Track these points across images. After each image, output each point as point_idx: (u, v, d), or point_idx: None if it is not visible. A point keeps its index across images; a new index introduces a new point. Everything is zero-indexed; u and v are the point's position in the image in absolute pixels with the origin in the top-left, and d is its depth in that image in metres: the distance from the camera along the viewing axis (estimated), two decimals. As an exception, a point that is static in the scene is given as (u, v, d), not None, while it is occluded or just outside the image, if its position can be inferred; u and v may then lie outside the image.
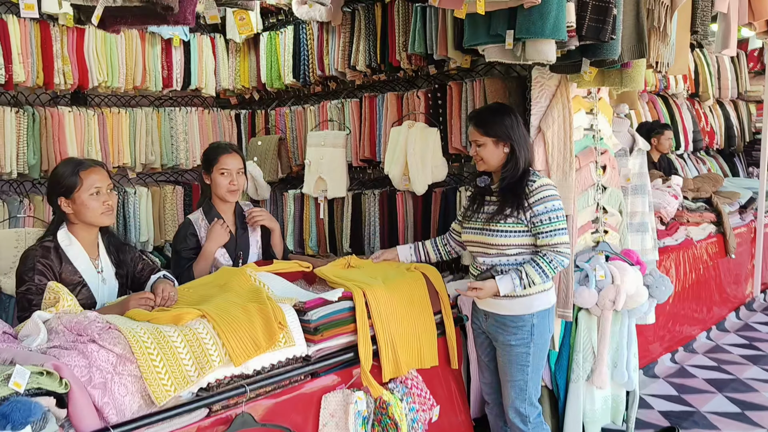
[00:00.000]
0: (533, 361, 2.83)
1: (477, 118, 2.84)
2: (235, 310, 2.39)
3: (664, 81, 6.56)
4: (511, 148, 2.80)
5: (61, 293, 2.25)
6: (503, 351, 2.87)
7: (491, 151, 2.81)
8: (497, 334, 2.87)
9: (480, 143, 2.81)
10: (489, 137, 2.79)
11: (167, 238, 5.12)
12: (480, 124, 2.81)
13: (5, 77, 4.11)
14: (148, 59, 4.84)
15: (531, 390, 2.87)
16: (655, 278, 3.49)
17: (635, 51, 2.92)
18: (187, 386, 2.15)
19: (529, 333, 2.80)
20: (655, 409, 4.14)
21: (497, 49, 2.75)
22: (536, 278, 2.71)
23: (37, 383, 1.83)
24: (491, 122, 2.80)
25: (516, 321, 2.81)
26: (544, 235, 2.73)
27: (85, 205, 2.58)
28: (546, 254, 2.72)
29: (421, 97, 4.04)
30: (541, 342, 2.84)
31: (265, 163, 4.89)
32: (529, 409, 2.87)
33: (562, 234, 2.74)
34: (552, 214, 2.73)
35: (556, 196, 2.78)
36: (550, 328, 2.89)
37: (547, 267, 2.71)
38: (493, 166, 2.84)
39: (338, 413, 2.57)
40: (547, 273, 2.71)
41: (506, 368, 2.87)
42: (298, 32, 4.74)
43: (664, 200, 5.13)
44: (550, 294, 2.88)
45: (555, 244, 2.72)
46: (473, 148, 2.86)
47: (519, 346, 2.82)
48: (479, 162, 2.86)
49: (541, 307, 2.82)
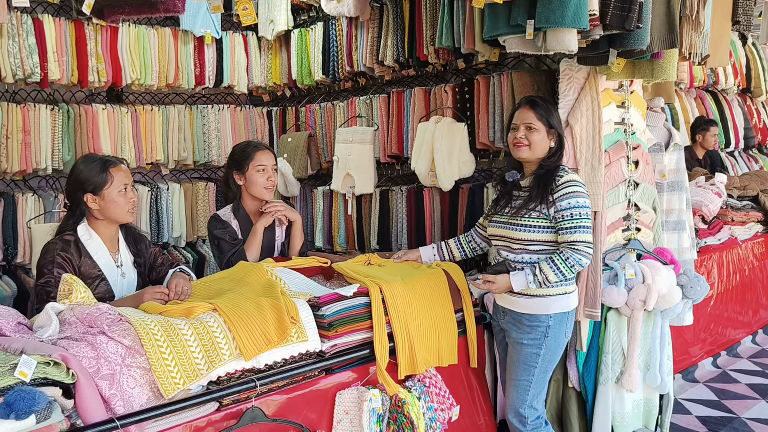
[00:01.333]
0: (542, 363, 2.73)
1: (533, 101, 2.74)
2: (248, 303, 2.38)
3: (713, 76, 6.32)
4: (558, 142, 2.74)
5: (74, 285, 2.27)
6: (513, 348, 2.80)
7: (542, 138, 2.70)
8: (511, 330, 2.79)
9: (534, 127, 2.69)
10: (544, 124, 2.70)
11: (199, 234, 5.18)
12: (537, 107, 2.71)
13: (41, 75, 4.20)
14: (180, 57, 4.89)
15: (533, 392, 2.77)
16: (690, 278, 3.34)
17: (666, 40, 2.81)
18: (196, 379, 2.15)
19: (543, 334, 2.71)
20: (693, 414, 3.99)
21: (518, 39, 2.68)
22: (551, 276, 2.60)
23: (43, 373, 1.85)
24: (548, 109, 2.71)
25: (531, 320, 2.72)
26: (564, 231, 2.63)
27: (115, 201, 2.61)
28: (563, 251, 2.62)
29: (449, 92, 3.98)
30: (553, 345, 2.74)
31: (294, 160, 4.89)
32: (528, 411, 2.77)
33: (583, 232, 2.62)
34: (575, 211, 2.62)
35: (583, 193, 2.67)
36: (566, 332, 2.79)
37: (563, 265, 2.60)
38: (536, 156, 2.73)
39: (353, 410, 2.53)
40: (563, 271, 2.61)
41: (513, 366, 2.79)
42: (328, 28, 4.73)
43: (706, 198, 4.94)
44: (572, 297, 2.76)
45: (574, 241, 2.61)
46: (521, 131, 2.72)
47: (530, 345, 2.73)
48: (522, 148, 2.72)
49: (559, 310, 2.71)
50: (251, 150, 3.16)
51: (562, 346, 2.81)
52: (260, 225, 3.15)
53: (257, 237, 3.14)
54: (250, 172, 3.13)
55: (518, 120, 2.75)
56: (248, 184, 3.15)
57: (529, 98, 2.80)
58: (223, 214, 3.22)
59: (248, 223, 3.20)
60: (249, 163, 3.12)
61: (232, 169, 3.20)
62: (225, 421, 2.24)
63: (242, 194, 3.22)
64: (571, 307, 2.77)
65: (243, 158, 3.15)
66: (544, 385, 2.82)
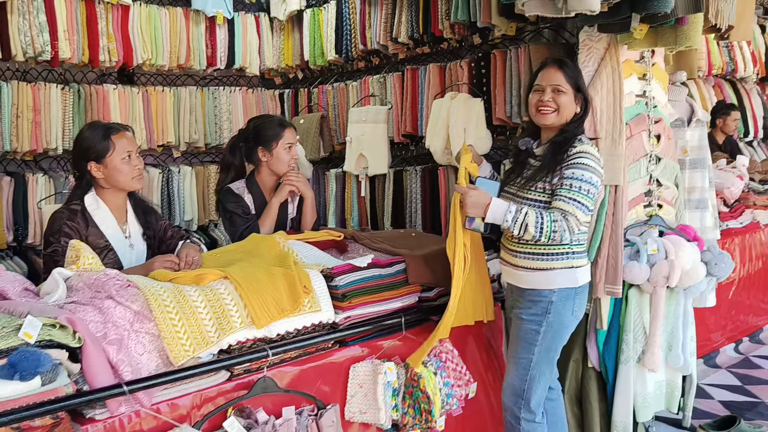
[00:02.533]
0: (543, 341, 2.53)
1: (561, 61, 2.55)
2: (259, 272, 2.32)
3: (732, 64, 6.19)
4: (584, 107, 2.57)
5: (81, 251, 2.21)
6: (514, 324, 2.64)
7: (569, 102, 2.52)
8: (514, 307, 2.63)
9: (562, 89, 2.50)
10: (572, 86, 2.52)
11: (211, 218, 5.13)
12: (566, 66, 2.53)
13: (51, 54, 4.15)
14: (192, 37, 4.83)
15: (533, 374, 2.55)
16: (714, 254, 3.23)
17: (691, 4, 2.70)
18: (206, 347, 2.09)
19: (544, 310, 2.52)
20: (715, 398, 3.90)
21: (538, 2, 2.59)
22: (531, 227, 2.35)
23: (48, 335, 1.80)
24: (577, 70, 2.56)
25: (533, 296, 2.54)
26: (559, 198, 2.41)
27: (118, 169, 2.56)
28: (554, 213, 2.38)
29: (464, 67, 3.89)
30: (556, 323, 2.54)
31: (307, 142, 4.82)
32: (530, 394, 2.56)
33: (578, 207, 2.39)
34: (576, 183, 2.39)
35: (593, 168, 2.43)
36: (574, 311, 2.57)
37: (548, 226, 2.35)
38: (561, 122, 2.54)
39: (367, 384, 2.47)
40: (544, 231, 2.35)
41: (513, 343, 2.62)
42: (341, 6, 4.65)
43: (728, 180, 4.83)
44: (579, 273, 2.56)
45: (566, 211, 2.38)
46: (548, 93, 2.51)
47: (529, 321, 2.55)
48: (549, 113, 2.51)
49: (563, 285, 2.52)
50: (280, 128, 3.13)
51: (568, 326, 2.61)
52: (276, 200, 3.11)
53: (272, 211, 3.10)
54: (277, 150, 3.10)
55: (544, 81, 2.54)
56: (274, 161, 3.12)
57: (556, 58, 2.61)
58: (237, 188, 3.16)
59: (262, 197, 3.16)
60: (278, 141, 3.10)
61: (256, 144, 3.14)
62: (236, 391, 2.18)
63: (259, 169, 3.17)
64: (579, 282, 2.56)
65: (272, 136, 3.11)
66: (547, 369, 2.60)
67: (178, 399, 2.05)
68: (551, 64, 2.58)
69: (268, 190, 3.18)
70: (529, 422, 2.58)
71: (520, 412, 2.58)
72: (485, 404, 2.92)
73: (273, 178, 3.17)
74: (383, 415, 2.45)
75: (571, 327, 2.63)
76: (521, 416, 2.58)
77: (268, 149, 3.11)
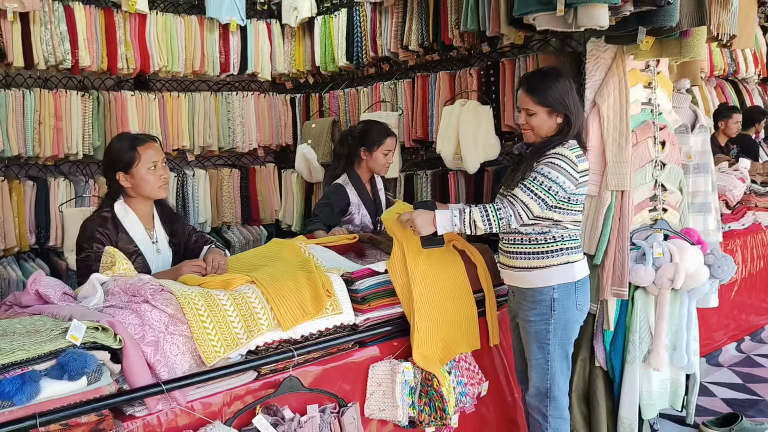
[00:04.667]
0: (554, 338, 2.60)
1: (529, 82, 2.58)
2: (284, 277, 2.43)
3: (733, 65, 6.29)
4: (565, 119, 2.56)
5: (117, 257, 2.33)
6: (523, 328, 2.68)
7: (543, 120, 2.56)
8: (519, 309, 2.69)
9: (531, 112, 2.56)
10: (542, 106, 2.54)
11: (224, 220, 5.25)
12: (533, 90, 2.55)
13: (72, 62, 4.28)
14: (206, 44, 4.96)
15: (553, 372, 2.63)
16: (717, 257, 3.35)
17: (695, 18, 2.80)
18: (236, 348, 2.20)
19: (548, 308, 2.57)
20: (717, 396, 3.99)
21: (548, 17, 2.69)
22: (479, 221, 2.43)
23: (92, 338, 1.91)
24: (545, 89, 2.53)
25: (534, 295, 2.60)
26: (519, 186, 2.47)
27: (144, 179, 2.67)
28: (499, 201, 2.48)
29: (474, 75, 4.01)
30: (563, 318, 2.60)
31: (319, 146, 4.93)
32: (554, 391, 2.63)
33: (531, 197, 2.44)
34: (539, 176, 2.44)
35: (561, 168, 2.46)
36: (578, 305, 2.63)
37: (494, 215, 2.44)
38: (541, 138, 2.60)
39: (385, 383, 2.58)
40: (491, 221, 2.44)
41: (528, 347, 2.67)
42: (352, 14, 4.77)
43: (730, 183, 4.93)
44: (576, 267, 2.61)
45: (517, 197, 2.45)
46: (522, 115, 2.61)
47: (537, 322, 2.60)
48: (527, 132, 2.62)
49: (563, 280, 2.57)
50: (384, 136, 3.54)
51: (576, 320, 2.67)
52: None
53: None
54: (377, 153, 3.52)
55: (519, 103, 2.63)
56: (372, 161, 3.54)
57: (523, 79, 2.66)
58: (343, 182, 3.57)
59: (361, 186, 3.58)
60: (379, 145, 3.52)
61: (360, 144, 3.55)
62: (263, 390, 2.29)
63: (360, 164, 3.58)
64: (577, 277, 2.61)
65: (376, 140, 3.52)
66: (564, 363, 2.67)
67: (209, 397, 2.16)
68: (521, 87, 2.63)
69: (364, 181, 3.61)
70: (556, 419, 2.67)
71: (548, 410, 2.66)
72: (496, 402, 3.03)
73: (368, 174, 3.61)
74: (401, 412, 2.56)
75: (579, 321, 2.70)
76: (549, 414, 2.66)
77: (369, 150, 3.51)
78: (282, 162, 5.79)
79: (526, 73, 2.91)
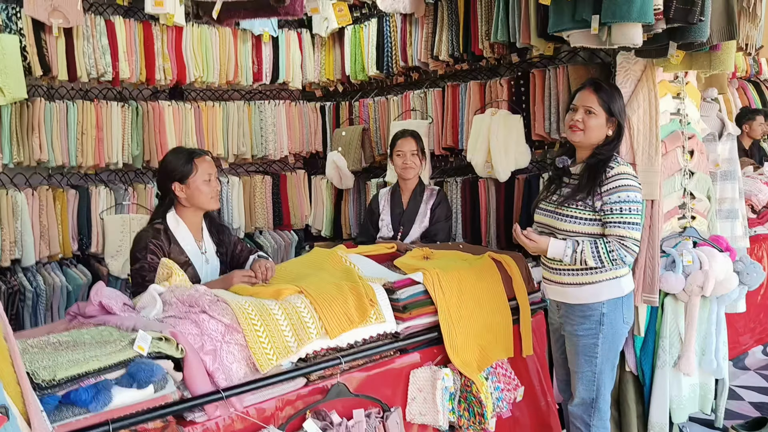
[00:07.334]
0: (602, 352, 2.68)
1: (597, 85, 2.67)
2: (330, 287, 2.54)
3: (756, 66, 6.30)
4: (617, 131, 2.68)
5: (173, 269, 2.45)
6: (570, 341, 2.76)
7: (599, 124, 2.65)
8: (566, 324, 2.77)
9: (593, 111, 2.64)
10: (604, 110, 2.64)
11: (257, 225, 5.38)
12: (601, 91, 2.65)
13: (113, 74, 4.43)
14: (239, 55, 5.08)
15: (599, 383, 2.71)
16: (746, 264, 3.41)
17: (725, 33, 2.87)
18: (288, 356, 2.31)
19: (597, 323, 2.66)
20: (745, 400, 4.05)
21: (582, 34, 2.77)
22: (589, 260, 2.56)
23: (157, 348, 2.02)
24: (613, 95, 2.65)
25: (584, 310, 2.68)
26: (612, 225, 2.57)
27: (200, 190, 2.81)
28: (611, 242, 2.56)
29: (504, 85, 4.08)
30: (611, 333, 2.69)
31: (349, 153, 5.04)
32: (600, 402, 2.73)
33: (632, 228, 2.55)
34: (625, 206, 2.55)
35: (634, 187, 2.60)
36: (624, 318, 2.73)
37: (606, 255, 2.55)
38: (589, 142, 2.68)
39: (426, 388, 2.68)
40: (602, 260, 2.56)
41: (574, 359, 2.76)
42: (382, 25, 4.86)
43: (755, 188, 4.97)
44: (624, 282, 2.71)
45: (623, 236, 2.55)
46: (580, 113, 2.66)
47: (586, 336, 2.68)
48: (577, 132, 2.67)
49: (611, 296, 2.66)
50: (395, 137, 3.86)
51: (622, 332, 2.76)
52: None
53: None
54: (394, 156, 3.84)
55: (579, 101, 2.69)
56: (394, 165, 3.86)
57: (594, 80, 2.74)
58: (382, 194, 3.94)
59: (398, 200, 3.85)
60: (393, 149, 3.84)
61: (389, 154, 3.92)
62: (312, 396, 2.40)
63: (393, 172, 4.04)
64: (625, 291, 2.71)
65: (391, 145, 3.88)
66: (609, 375, 2.76)
67: (263, 403, 2.27)
68: (588, 86, 2.72)
69: (402, 189, 3.88)
70: (599, 428, 2.77)
71: (591, 420, 2.76)
72: (531, 408, 3.11)
73: (402, 181, 3.88)
74: (441, 417, 2.66)
75: (625, 333, 2.78)
76: (592, 423, 2.77)
77: (391, 156, 3.87)
78: (311, 168, 5.91)
79: (591, 77, 3.04)
